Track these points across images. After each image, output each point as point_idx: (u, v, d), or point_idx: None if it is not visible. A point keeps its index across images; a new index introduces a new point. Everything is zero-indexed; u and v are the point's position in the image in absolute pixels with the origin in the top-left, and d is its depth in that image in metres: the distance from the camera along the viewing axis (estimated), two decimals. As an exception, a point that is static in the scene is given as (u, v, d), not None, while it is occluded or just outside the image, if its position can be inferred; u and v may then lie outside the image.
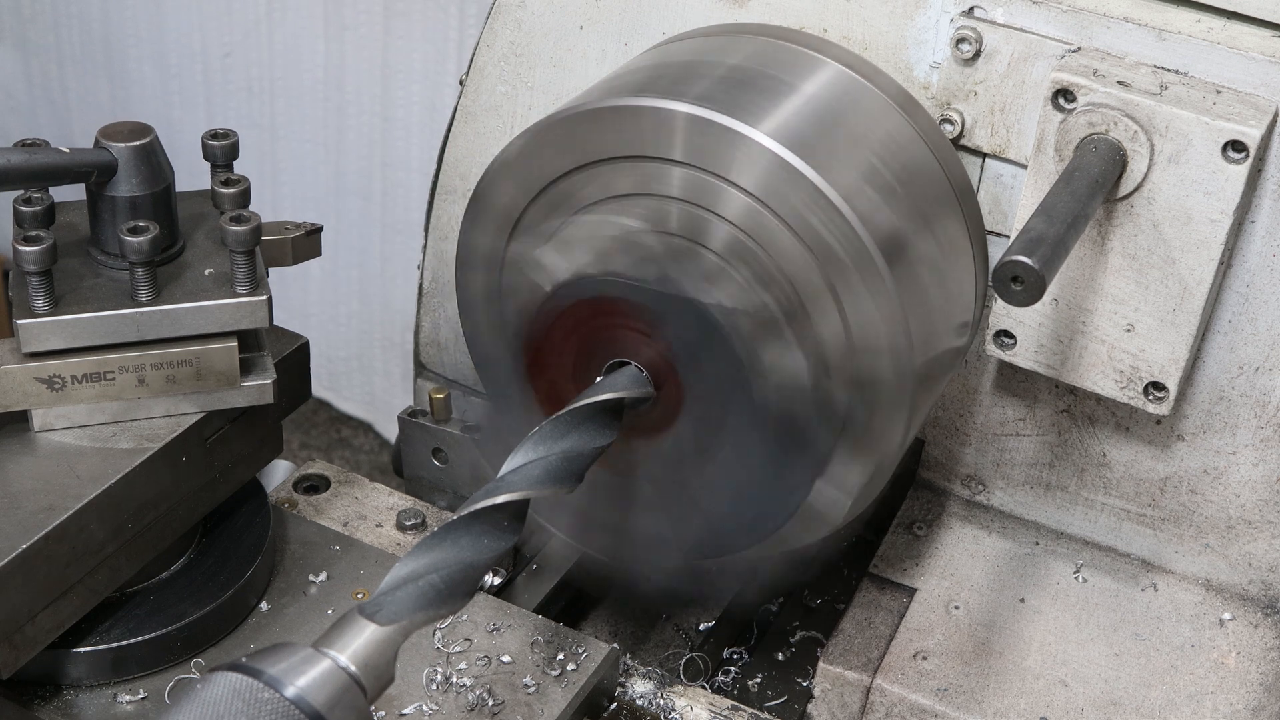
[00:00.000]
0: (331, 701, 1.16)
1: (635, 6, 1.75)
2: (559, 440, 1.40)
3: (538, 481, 1.36)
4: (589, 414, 1.43)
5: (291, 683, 1.15)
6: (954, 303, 1.58)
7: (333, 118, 3.46)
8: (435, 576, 1.26)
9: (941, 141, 1.61)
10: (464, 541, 1.30)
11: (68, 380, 1.47)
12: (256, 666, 1.16)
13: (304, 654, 1.18)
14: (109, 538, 1.45)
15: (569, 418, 1.42)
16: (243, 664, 1.17)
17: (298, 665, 1.17)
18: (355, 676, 1.19)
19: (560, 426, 1.41)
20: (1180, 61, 1.53)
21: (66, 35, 3.71)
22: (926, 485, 1.90)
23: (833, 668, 1.68)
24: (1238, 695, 1.67)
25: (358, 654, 1.20)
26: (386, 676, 1.22)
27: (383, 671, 1.21)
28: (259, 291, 1.50)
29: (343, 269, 3.63)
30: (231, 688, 1.15)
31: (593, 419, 1.43)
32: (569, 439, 1.41)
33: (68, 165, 1.46)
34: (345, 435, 3.83)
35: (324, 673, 1.17)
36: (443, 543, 1.30)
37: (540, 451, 1.39)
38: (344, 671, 1.18)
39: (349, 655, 1.19)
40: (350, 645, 1.20)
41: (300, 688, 1.15)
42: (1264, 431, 1.67)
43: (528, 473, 1.37)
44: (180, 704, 1.15)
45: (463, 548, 1.30)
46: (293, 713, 1.14)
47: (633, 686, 1.64)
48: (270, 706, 1.14)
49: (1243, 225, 1.56)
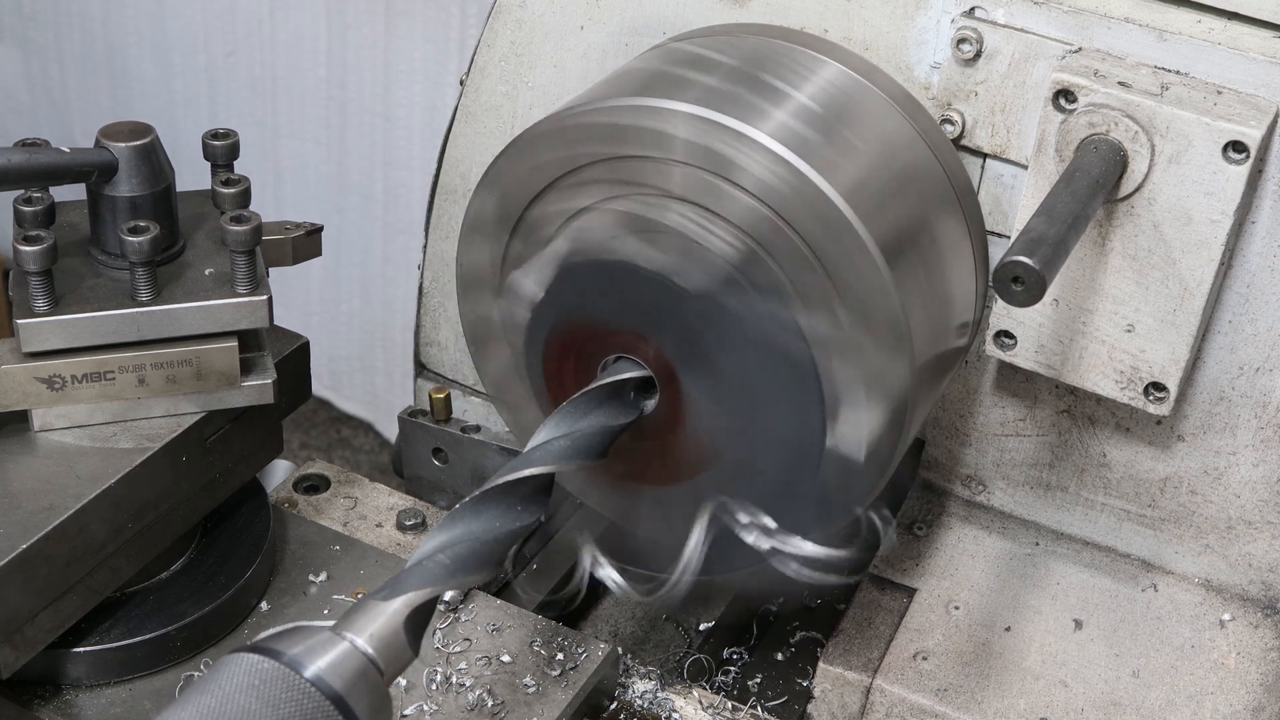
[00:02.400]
0: (350, 682, 1.18)
1: (636, 6, 1.75)
2: (581, 418, 1.43)
3: (562, 456, 1.38)
4: (609, 393, 1.45)
5: (311, 664, 1.17)
6: (954, 303, 1.58)
7: (335, 117, 3.46)
8: (444, 555, 1.28)
9: (942, 142, 1.61)
10: (488, 515, 1.32)
11: (68, 380, 1.47)
12: (276, 648, 1.18)
13: (322, 636, 1.20)
14: (109, 538, 1.46)
15: (589, 398, 1.44)
16: (262, 645, 1.18)
17: (316, 647, 1.18)
18: (372, 658, 1.20)
19: (581, 406, 1.44)
20: (1181, 62, 1.53)
21: (68, 34, 3.71)
22: (926, 485, 1.90)
23: (833, 668, 1.68)
24: (1238, 695, 1.67)
25: (374, 635, 1.21)
26: (405, 656, 1.24)
27: (399, 651, 1.23)
28: (259, 291, 1.50)
29: (344, 268, 3.63)
30: (251, 668, 1.16)
31: (613, 397, 1.46)
32: (590, 417, 1.43)
33: (68, 165, 1.46)
34: (345, 435, 3.83)
35: (342, 654, 1.19)
36: (465, 517, 1.32)
37: (563, 428, 1.41)
38: (361, 653, 1.20)
39: (366, 637, 1.21)
40: (367, 627, 1.22)
41: (319, 669, 1.17)
42: (1264, 432, 1.67)
43: (551, 448, 1.39)
44: (200, 685, 1.17)
45: (486, 521, 1.32)
46: (312, 693, 1.15)
47: (633, 686, 1.64)
48: (289, 687, 1.15)
49: (1243, 226, 1.56)
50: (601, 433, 1.43)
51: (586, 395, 1.45)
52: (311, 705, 1.15)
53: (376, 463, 3.74)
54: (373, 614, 1.23)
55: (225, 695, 1.14)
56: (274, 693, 1.14)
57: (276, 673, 1.16)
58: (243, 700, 1.14)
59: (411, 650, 1.24)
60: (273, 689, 1.15)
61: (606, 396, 1.45)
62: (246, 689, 1.14)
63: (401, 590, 1.24)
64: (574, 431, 1.41)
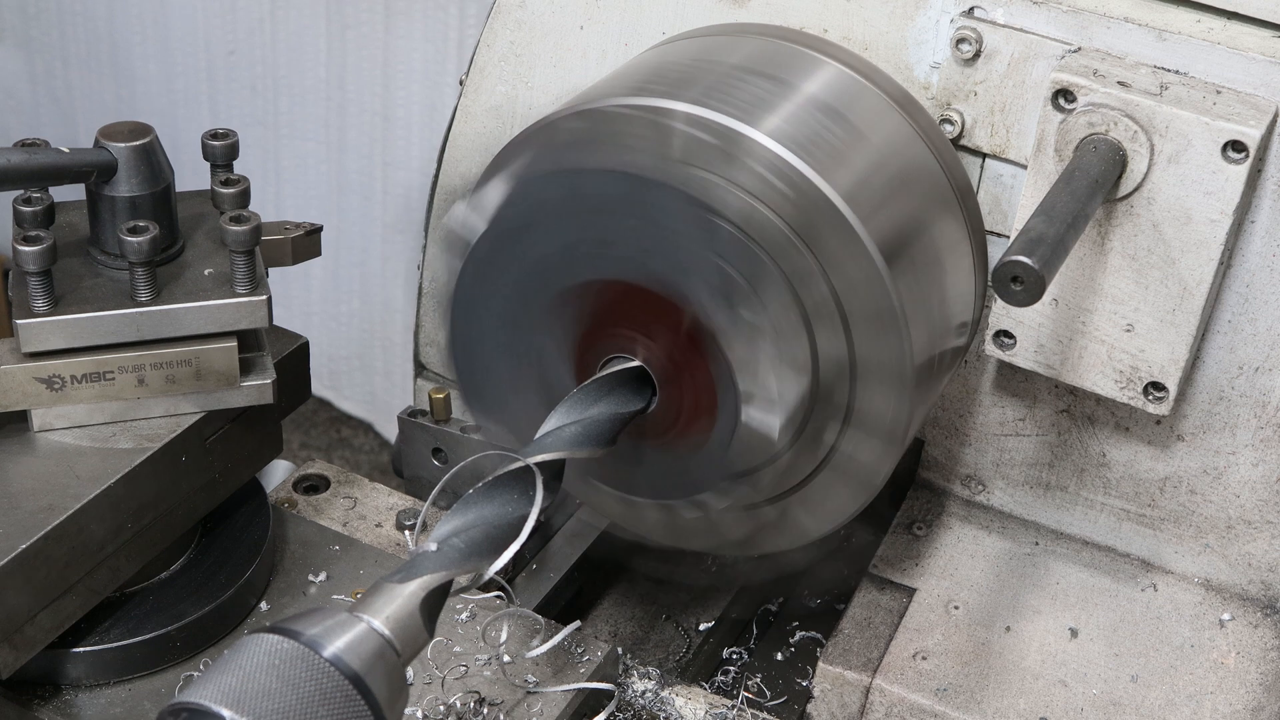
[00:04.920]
0: (368, 663, 1.19)
1: (635, 6, 1.75)
2: (591, 406, 1.44)
3: (573, 443, 1.40)
4: (619, 380, 1.46)
5: (329, 644, 1.18)
6: (954, 302, 1.58)
7: (334, 117, 3.47)
8: (458, 539, 1.29)
9: (941, 141, 1.61)
10: (500, 501, 1.33)
11: (68, 380, 1.47)
12: (295, 628, 1.19)
13: (340, 617, 1.21)
14: (109, 538, 1.46)
15: (599, 385, 1.45)
16: (281, 626, 1.20)
17: (334, 628, 1.20)
18: (389, 639, 1.22)
19: (591, 393, 1.45)
20: (1180, 62, 1.53)
21: (71, 34, 3.71)
22: (926, 485, 1.90)
23: (832, 668, 1.68)
24: (1237, 695, 1.67)
25: (390, 617, 1.23)
26: (421, 638, 1.25)
27: (415, 634, 1.25)
28: (259, 291, 1.50)
29: (344, 268, 3.63)
30: (271, 648, 1.18)
31: (623, 385, 1.46)
32: (601, 405, 1.44)
33: (67, 165, 1.46)
34: (345, 435, 3.83)
35: (359, 635, 1.20)
36: (479, 503, 1.33)
37: (574, 415, 1.43)
38: (378, 634, 1.21)
39: (382, 619, 1.22)
40: (384, 609, 1.23)
41: (338, 649, 1.18)
42: (1264, 432, 1.67)
43: (563, 435, 1.40)
44: (220, 664, 1.18)
45: (498, 507, 1.33)
46: (331, 673, 1.17)
47: (633, 686, 1.64)
48: (309, 666, 1.17)
49: (1242, 225, 1.56)
50: (611, 420, 1.44)
51: (597, 382, 1.46)
52: (330, 684, 1.17)
53: (376, 463, 3.74)
54: (389, 596, 1.24)
55: (246, 674, 1.16)
56: (294, 672, 1.16)
57: (296, 652, 1.17)
58: (263, 679, 1.15)
59: (427, 632, 1.26)
60: (293, 668, 1.16)
61: (617, 383, 1.46)
62: (267, 668, 1.16)
63: (417, 573, 1.26)
64: (585, 418, 1.42)
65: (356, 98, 3.41)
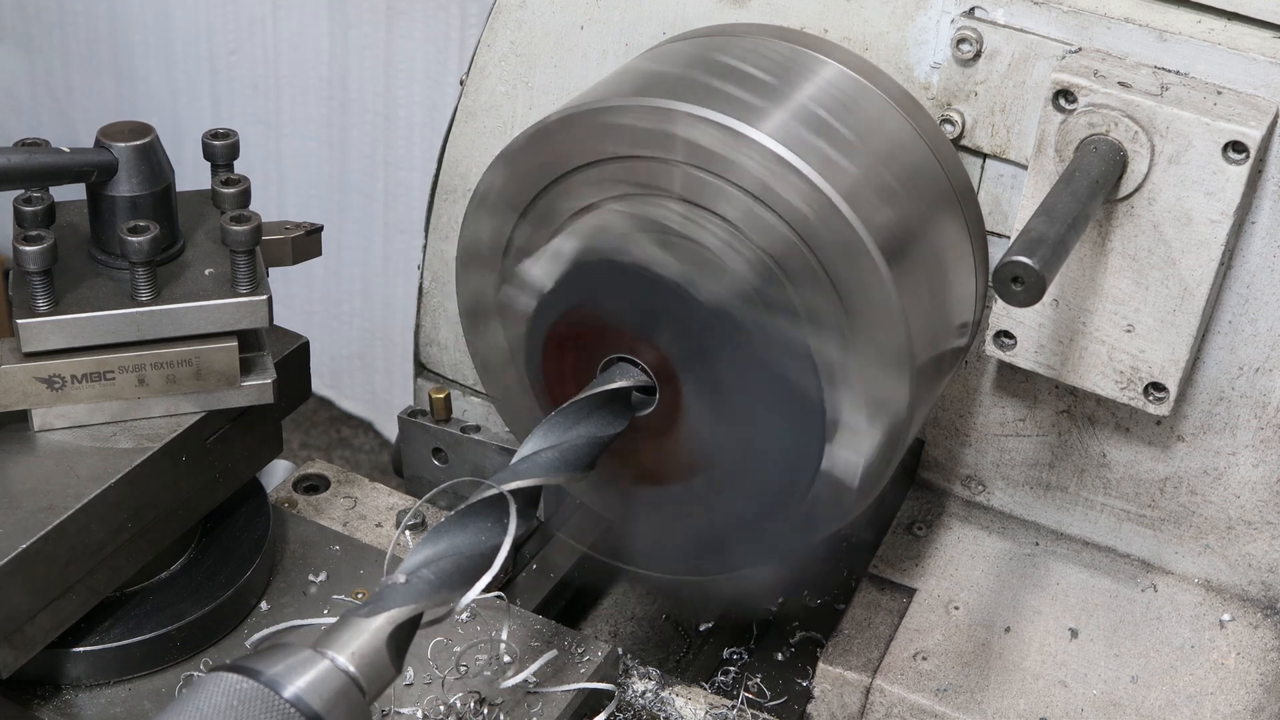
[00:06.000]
0: (330, 702, 1.16)
1: (635, 6, 1.75)
2: (569, 429, 1.41)
3: (549, 469, 1.37)
4: (598, 403, 1.44)
5: (290, 683, 1.15)
6: (954, 303, 1.58)
7: (336, 116, 3.47)
8: (428, 571, 1.26)
9: (942, 142, 1.61)
10: (473, 529, 1.30)
11: (68, 380, 1.47)
12: (255, 667, 1.16)
13: (302, 655, 1.18)
14: (109, 538, 1.46)
15: (578, 408, 1.43)
16: (241, 665, 1.16)
17: (296, 666, 1.16)
18: (354, 677, 1.18)
19: (570, 416, 1.42)
20: (1181, 62, 1.53)
21: (72, 33, 3.72)
22: (926, 485, 1.90)
23: (832, 668, 1.68)
24: (1237, 696, 1.67)
25: (355, 653, 1.19)
26: (388, 674, 1.21)
27: (382, 670, 1.21)
28: (259, 291, 1.50)
29: (345, 267, 3.63)
30: (230, 688, 1.14)
31: (602, 408, 1.44)
32: (579, 428, 1.42)
33: (68, 165, 1.46)
34: (345, 435, 3.83)
35: (322, 673, 1.17)
36: (450, 532, 1.29)
37: (551, 440, 1.40)
38: (342, 672, 1.18)
39: (347, 655, 1.19)
40: (349, 645, 1.19)
41: (299, 688, 1.15)
42: (1264, 432, 1.67)
43: (539, 460, 1.38)
44: (177, 704, 1.15)
45: (471, 535, 1.30)
46: (291, 713, 1.13)
47: (632, 686, 1.64)
48: (268, 707, 1.13)
49: (1243, 226, 1.56)
50: (590, 444, 1.41)
51: (576, 405, 1.43)
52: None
53: (376, 463, 3.74)
54: (355, 631, 1.20)
55: (203, 716, 1.12)
56: (252, 713, 1.12)
57: (255, 693, 1.13)
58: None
59: (394, 668, 1.21)
60: (251, 709, 1.13)
61: (596, 406, 1.44)
62: (225, 709, 1.12)
63: (384, 607, 1.22)
64: (562, 443, 1.39)
65: (358, 97, 3.41)
